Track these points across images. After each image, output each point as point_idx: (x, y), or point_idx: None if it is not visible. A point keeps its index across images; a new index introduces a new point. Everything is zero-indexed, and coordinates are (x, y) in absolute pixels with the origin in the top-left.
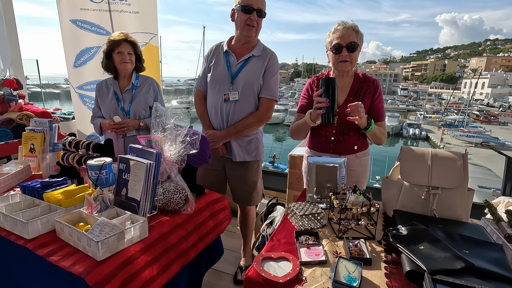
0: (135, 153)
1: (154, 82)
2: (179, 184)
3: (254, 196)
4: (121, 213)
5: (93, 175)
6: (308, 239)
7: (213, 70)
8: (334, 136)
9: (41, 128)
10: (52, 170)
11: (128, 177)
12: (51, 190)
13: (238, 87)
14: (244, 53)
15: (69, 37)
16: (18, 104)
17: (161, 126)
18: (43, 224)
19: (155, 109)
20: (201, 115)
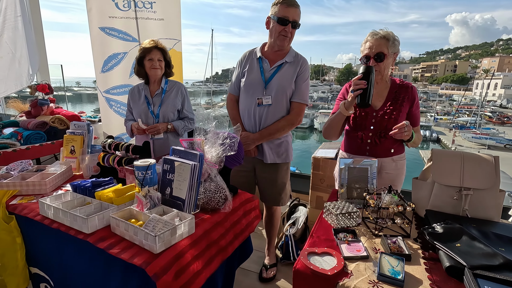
0: (178, 155)
1: (182, 87)
2: (219, 184)
3: (283, 196)
4: (168, 210)
5: (139, 175)
6: (346, 236)
7: (247, 76)
8: (371, 139)
9: (81, 131)
10: (91, 171)
11: (172, 177)
12: (101, 189)
13: (271, 91)
14: (277, 59)
15: (98, 44)
16: (49, 107)
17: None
18: (100, 219)
19: (198, 114)
20: (233, 118)
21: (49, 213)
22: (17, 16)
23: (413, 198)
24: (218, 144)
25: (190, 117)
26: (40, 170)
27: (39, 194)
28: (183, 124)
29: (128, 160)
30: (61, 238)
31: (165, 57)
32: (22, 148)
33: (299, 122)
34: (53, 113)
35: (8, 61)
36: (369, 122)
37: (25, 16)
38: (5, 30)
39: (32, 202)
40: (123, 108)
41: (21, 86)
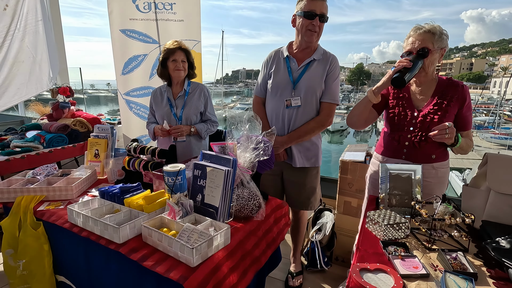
0: (209, 160)
1: (205, 89)
2: (253, 191)
3: (312, 201)
4: (200, 219)
5: (169, 181)
6: (397, 250)
7: (274, 77)
8: (409, 141)
9: (105, 134)
10: (116, 175)
11: (204, 183)
12: (129, 195)
13: (300, 92)
14: (305, 58)
15: (118, 46)
16: (70, 110)
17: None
18: (131, 229)
19: (230, 117)
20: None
21: (78, 220)
22: (38, 21)
23: (464, 207)
24: (251, 149)
25: (213, 119)
26: (65, 174)
27: (65, 199)
28: (206, 127)
29: (155, 165)
30: (90, 246)
31: (189, 58)
32: (45, 151)
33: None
34: (74, 116)
35: (29, 65)
36: (409, 123)
37: (46, 20)
38: (26, 35)
39: (59, 208)
40: (143, 110)
41: (41, 90)
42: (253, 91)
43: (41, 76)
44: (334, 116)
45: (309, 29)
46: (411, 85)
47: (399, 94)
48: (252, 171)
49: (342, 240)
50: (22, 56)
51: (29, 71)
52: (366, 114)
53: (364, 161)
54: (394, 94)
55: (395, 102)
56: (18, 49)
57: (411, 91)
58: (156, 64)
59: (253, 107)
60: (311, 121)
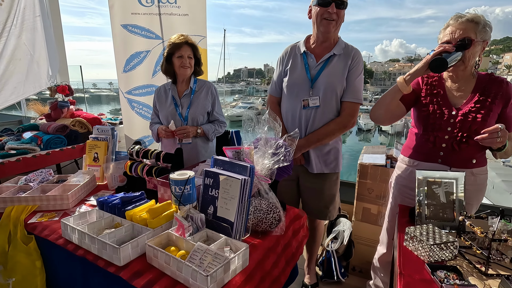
0: (222, 166)
1: (212, 87)
2: (272, 202)
3: (331, 210)
4: (213, 236)
5: (176, 191)
6: (448, 276)
7: (290, 74)
8: (447, 143)
9: (104, 136)
10: (117, 181)
11: (216, 193)
12: (131, 206)
13: (318, 91)
14: (324, 53)
15: (120, 42)
16: (69, 110)
17: (252, 136)
18: (133, 248)
19: (247, 118)
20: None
21: (73, 237)
22: (36, 17)
23: None
24: (270, 154)
25: (220, 120)
26: (61, 180)
27: (60, 209)
28: (213, 128)
29: (159, 170)
30: (88, 266)
31: (196, 54)
32: (42, 153)
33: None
34: (73, 116)
35: (26, 63)
36: (446, 122)
37: (44, 16)
38: (23, 31)
39: (53, 221)
40: (146, 110)
41: (39, 88)
42: (267, 90)
43: (40, 74)
44: None
45: (325, 18)
46: (446, 80)
47: (432, 90)
48: (271, 179)
49: (360, 249)
50: (19, 54)
51: (26, 69)
52: (393, 107)
53: (385, 165)
54: (427, 89)
55: (428, 99)
56: (15, 46)
57: (446, 87)
58: (159, 60)
59: (267, 107)
60: (331, 122)
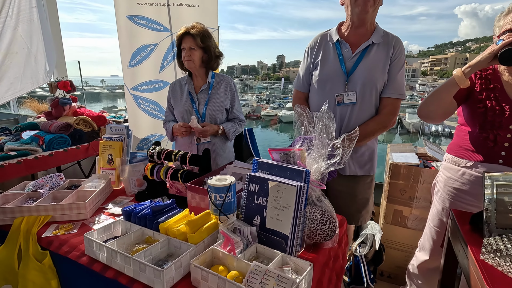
0: (267, 171)
1: (231, 81)
2: (327, 211)
3: (363, 214)
4: (265, 252)
5: (217, 199)
6: None
7: (321, 67)
8: (510, 142)
9: (119, 136)
10: (135, 185)
11: (264, 202)
12: (164, 217)
13: (355, 86)
14: (360, 41)
15: (125, 35)
16: (72, 107)
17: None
18: (177, 269)
19: (299, 114)
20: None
21: (100, 255)
22: (32, 7)
23: None
24: (324, 156)
25: (240, 118)
26: (74, 186)
27: (77, 220)
28: (234, 127)
29: (186, 174)
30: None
31: (201, 44)
32: (44, 154)
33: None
34: (76, 114)
35: (23, 56)
36: (508, 120)
37: (40, 7)
38: (19, 23)
39: (71, 234)
40: (153, 107)
41: (37, 84)
42: (293, 85)
43: (37, 69)
44: None
45: None
46: (502, 74)
47: (488, 85)
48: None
49: (390, 253)
50: (15, 47)
51: (24, 63)
52: (447, 103)
53: (418, 164)
54: (481, 84)
55: (484, 94)
56: (11, 39)
57: (504, 82)
58: (167, 54)
59: (293, 103)
60: (371, 121)
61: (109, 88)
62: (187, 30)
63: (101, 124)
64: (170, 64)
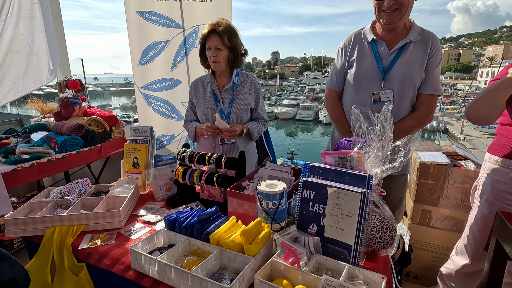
0: (322, 175)
1: (256, 80)
2: (386, 217)
3: (397, 214)
4: (327, 263)
5: (269, 207)
6: None
7: (358, 65)
8: None
9: (144, 138)
10: (163, 190)
11: (321, 209)
12: (212, 226)
13: (392, 84)
14: (397, 40)
15: (135, 32)
16: (82, 107)
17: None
18: (240, 284)
19: (355, 114)
20: (337, 119)
21: (150, 269)
22: (34, 3)
23: None
24: (384, 159)
25: (264, 117)
26: (102, 192)
27: (111, 229)
28: (258, 126)
29: (223, 178)
30: None
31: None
32: (57, 157)
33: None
34: (86, 114)
35: (25, 55)
36: None
37: (42, 3)
38: (20, 20)
39: (110, 245)
40: (164, 107)
41: (40, 83)
42: (326, 84)
43: (40, 67)
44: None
45: (383, 10)
46: None
47: None
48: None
49: (417, 254)
50: (16, 45)
51: (25, 62)
52: (502, 104)
53: (448, 163)
54: None
55: None
56: (11, 37)
57: None
58: (179, 52)
59: (326, 103)
60: (408, 118)
61: (102, 86)
62: (213, 28)
63: (113, 124)
64: (182, 61)
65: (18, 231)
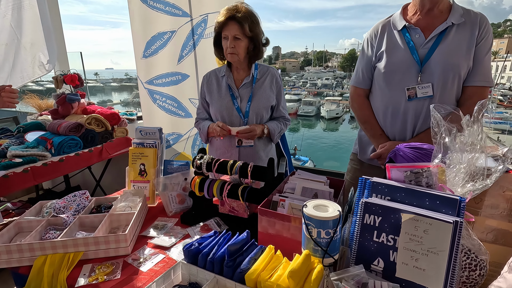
0: (389, 195)
1: (277, 74)
2: (474, 250)
3: None
4: None
5: (322, 237)
6: None
7: (388, 57)
8: None
9: (152, 141)
10: (175, 202)
11: (390, 241)
12: (247, 260)
13: (431, 76)
14: (435, 24)
15: (139, 21)
16: (81, 104)
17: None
18: None
19: (434, 118)
20: (365, 121)
21: None
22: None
23: None
24: (474, 174)
25: (286, 116)
26: (103, 207)
27: (116, 256)
28: (279, 127)
29: (250, 192)
30: None
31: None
32: (54, 160)
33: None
34: (86, 112)
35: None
36: None
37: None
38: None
39: (114, 280)
40: (170, 103)
41: (28, 79)
42: (350, 81)
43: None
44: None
45: None
46: None
47: None
48: None
49: None
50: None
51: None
52: None
53: None
54: None
55: None
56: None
57: None
58: (186, 43)
59: (352, 102)
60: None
61: (103, 81)
62: (231, 14)
63: (114, 123)
64: (190, 54)
65: (1, 261)
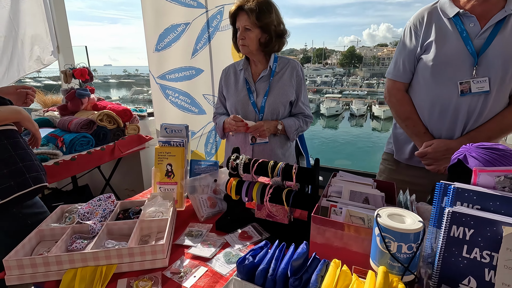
0: (478, 203)
1: (298, 66)
2: None
3: None
4: None
5: (404, 252)
6: None
7: (438, 48)
8: None
9: (180, 140)
10: (207, 206)
11: (487, 258)
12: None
13: (488, 69)
14: (492, 11)
15: (151, 13)
16: (91, 100)
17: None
18: None
19: None
20: (407, 117)
21: None
22: None
23: None
24: None
25: (306, 113)
26: (131, 212)
27: (153, 269)
28: (297, 124)
29: (295, 195)
30: None
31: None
32: (66, 158)
33: None
34: (96, 108)
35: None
36: None
37: None
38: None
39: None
40: (183, 99)
41: (24, 73)
42: (386, 74)
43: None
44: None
45: None
46: None
47: None
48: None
49: None
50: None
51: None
52: None
53: None
54: None
55: None
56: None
57: None
58: (201, 36)
59: (389, 97)
60: (509, 112)
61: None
62: (240, 5)
63: (126, 119)
64: (204, 47)
65: (24, 276)
